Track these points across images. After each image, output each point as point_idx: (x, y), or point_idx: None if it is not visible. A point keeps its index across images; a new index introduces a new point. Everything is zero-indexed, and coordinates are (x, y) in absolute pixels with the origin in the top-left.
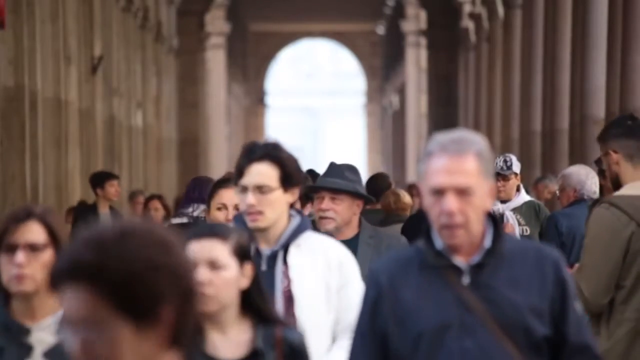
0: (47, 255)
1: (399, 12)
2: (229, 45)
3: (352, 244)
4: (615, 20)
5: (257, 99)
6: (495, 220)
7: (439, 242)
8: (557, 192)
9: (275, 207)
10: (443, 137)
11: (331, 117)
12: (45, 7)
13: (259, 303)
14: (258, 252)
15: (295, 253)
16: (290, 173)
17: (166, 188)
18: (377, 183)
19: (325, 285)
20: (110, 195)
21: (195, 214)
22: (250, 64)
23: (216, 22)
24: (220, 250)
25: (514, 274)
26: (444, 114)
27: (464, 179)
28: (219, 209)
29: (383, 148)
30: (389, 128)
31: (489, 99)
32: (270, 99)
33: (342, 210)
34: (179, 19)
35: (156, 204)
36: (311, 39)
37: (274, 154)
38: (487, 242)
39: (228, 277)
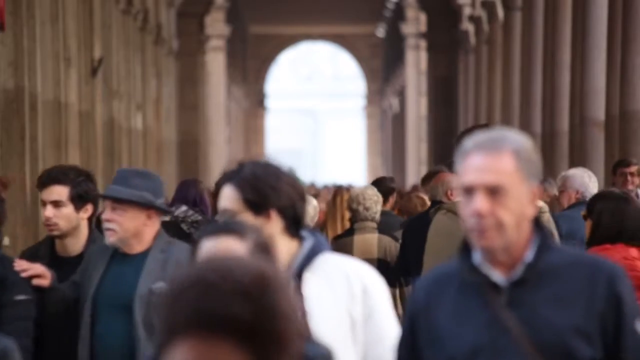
0: None
1: (399, 14)
2: (228, 48)
3: (138, 260)
4: (615, 22)
5: (256, 101)
6: (542, 231)
7: (476, 256)
8: (557, 193)
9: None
10: (480, 134)
11: (331, 119)
12: (45, 9)
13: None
14: None
15: (311, 281)
16: (253, 200)
17: (166, 190)
18: (381, 186)
19: (350, 317)
20: None
21: (175, 213)
22: (250, 66)
23: (216, 25)
24: (237, 249)
25: (559, 290)
26: (443, 117)
27: (495, 176)
28: None
29: (383, 150)
30: (389, 130)
31: (489, 101)
32: (270, 101)
33: (124, 221)
34: (179, 21)
35: None
36: (311, 42)
37: (235, 177)
38: (529, 256)
39: None
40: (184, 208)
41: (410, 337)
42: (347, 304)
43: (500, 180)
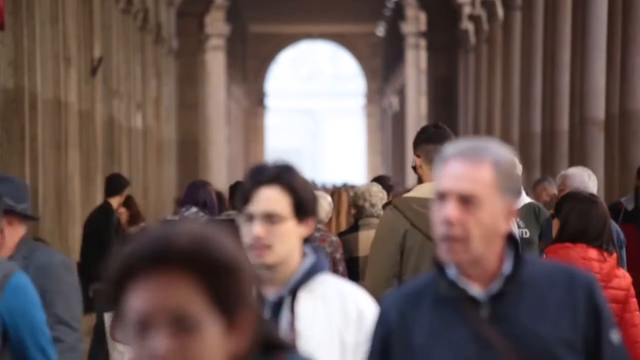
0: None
1: (399, 13)
2: (228, 47)
3: None
4: (614, 22)
5: (256, 101)
6: (515, 244)
7: (451, 270)
8: (557, 192)
9: (286, 241)
10: (461, 142)
11: (331, 118)
12: (45, 9)
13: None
14: (261, 297)
15: (305, 300)
16: (304, 201)
17: (166, 189)
18: (381, 183)
19: (340, 341)
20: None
21: (185, 214)
22: (250, 65)
23: (216, 24)
24: None
25: (539, 302)
26: (443, 116)
27: (470, 185)
28: None
29: (383, 149)
30: (389, 129)
31: (489, 101)
32: (270, 101)
33: None
34: (178, 20)
35: (121, 208)
36: (311, 41)
37: (286, 177)
38: (507, 268)
39: None
40: (194, 209)
41: (383, 359)
42: (340, 327)
43: (474, 189)
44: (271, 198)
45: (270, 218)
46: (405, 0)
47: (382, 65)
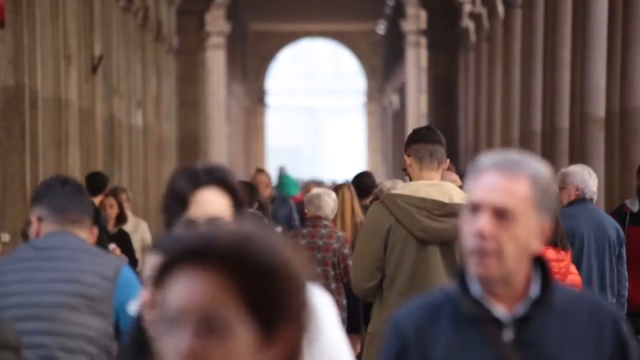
0: None
1: (399, 11)
2: (229, 45)
3: None
4: (615, 20)
5: (257, 99)
6: (543, 267)
7: (475, 288)
8: (557, 189)
9: None
10: (497, 154)
11: (331, 116)
12: (45, 7)
13: None
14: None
15: None
16: (242, 202)
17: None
18: (363, 180)
19: None
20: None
21: None
22: (250, 63)
23: (216, 22)
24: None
25: (565, 329)
26: (444, 114)
27: (506, 199)
28: None
29: (383, 147)
30: (389, 128)
31: (489, 99)
32: (270, 99)
33: None
34: (179, 18)
35: (111, 200)
36: (311, 39)
37: (223, 178)
38: (535, 291)
39: None
40: None
41: None
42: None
43: (510, 204)
44: (213, 200)
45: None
46: None
47: (383, 64)
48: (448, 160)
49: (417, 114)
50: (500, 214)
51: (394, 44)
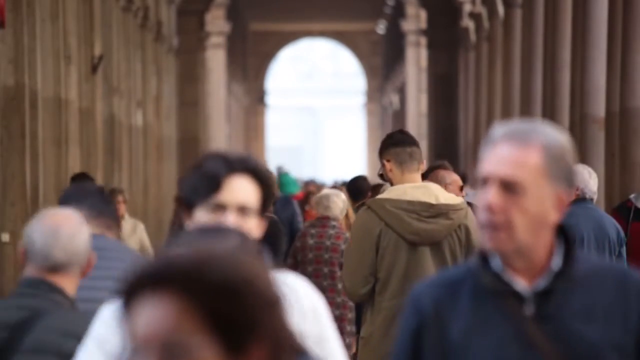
0: None
1: (399, 11)
2: (229, 45)
3: None
4: (615, 20)
5: (257, 98)
6: (567, 237)
7: (496, 262)
8: None
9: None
10: (511, 124)
11: (331, 116)
12: (45, 6)
13: None
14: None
15: None
16: (270, 196)
17: (166, 187)
18: (358, 184)
19: (299, 335)
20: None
21: None
22: (250, 63)
23: (216, 22)
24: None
25: (589, 302)
26: (444, 114)
27: (514, 171)
28: None
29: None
30: (389, 127)
31: (489, 99)
32: (270, 98)
33: None
34: (179, 18)
35: None
36: (311, 39)
37: (256, 168)
38: (556, 264)
39: None
40: None
41: (414, 353)
42: (298, 322)
43: (518, 176)
44: (245, 188)
45: (243, 210)
46: None
47: (383, 63)
48: (424, 161)
49: (417, 114)
50: (509, 187)
51: (394, 44)
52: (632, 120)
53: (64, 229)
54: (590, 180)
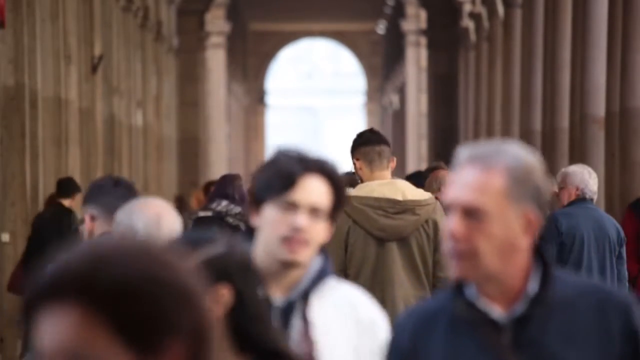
0: None
1: (399, 11)
2: (229, 45)
3: None
4: (615, 20)
5: (257, 98)
6: (544, 260)
7: (471, 290)
8: (557, 189)
9: (319, 241)
10: (477, 146)
11: (331, 116)
12: (45, 7)
13: (251, 333)
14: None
15: (318, 306)
16: (341, 201)
17: (166, 187)
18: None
19: (355, 350)
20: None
21: (217, 208)
22: (250, 63)
23: (216, 22)
24: None
25: (569, 326)
26: (444, 114)
27: (475, 197)
28: None
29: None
30: (389, 127)
31: (489, 99)
32: (270, 98)
33: None
34: (179, 18)
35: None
36: (311, 38)
37: (332, 171)
38: (532, 288)
39: None
40: (224, 202)
41: None
42: (353, 336)
43: (479, 201)
44: (319, 188)
45: (315, 212)
46: None
47: (383, 63)
48: (395, 159)
49: (417, 114)
50: (471, 213)
51: (394, 44)
52: (632, 120)
53: (166, 218)
54: (590, 180)
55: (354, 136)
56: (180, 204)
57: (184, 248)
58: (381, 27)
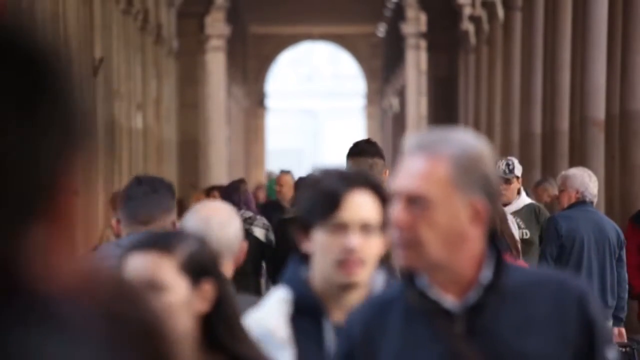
0: None
1: (399, 14)
2: (229, 48)
3: None
4: (615, 21)
5: (257, 101)
6: (497, 248)
7: (422, 279)
8: (557, 192)
9: (375, 258)
10: (424, 134)
11: (331, 119)
12: (45, 9)
13: (223, 336)
14: (320, 326)
15: None
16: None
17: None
18: None
19: None
20: None
21: None
22: (250, 66)
23: (216, 24)
24: (161, 267)
25: (524, 315)
26: (444, 117)
27: (418, 184)
28: None
29: (383, 150)
30: (389, 130)
31: (489, 101)
32: (270, 101)
33: None
34: (179, 21)
35: None
36: (311, 41)
37: (375, 182)
38: (485, 277)
39: (172, 302)
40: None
41: None
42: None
43: (422, 189)
44: (366, 203)
45: (366, 228)
46: (406, 1)
47: (383, 66)
48: (387, 172)
49: (417, 117)
50: (415, 202)
51: (394, 47)
52: (632, 122)
53: (215, 218)
54: (590, 183)
55: (351, 144)
56: (180, 207)
57: (155, 247)
58: (381, 30)
